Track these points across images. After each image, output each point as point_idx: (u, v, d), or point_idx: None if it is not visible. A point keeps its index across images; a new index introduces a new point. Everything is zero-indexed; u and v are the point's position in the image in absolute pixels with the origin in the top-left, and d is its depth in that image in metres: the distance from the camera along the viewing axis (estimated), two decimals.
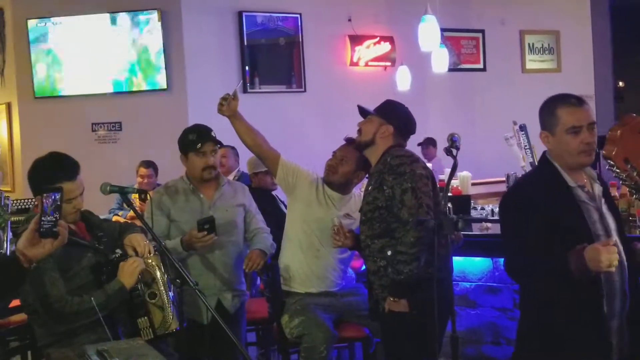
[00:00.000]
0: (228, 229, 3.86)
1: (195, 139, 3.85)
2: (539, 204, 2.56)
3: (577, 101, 2.65)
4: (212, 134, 3.87)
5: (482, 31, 9.33)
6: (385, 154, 3.42)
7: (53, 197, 2.04)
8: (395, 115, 3.52)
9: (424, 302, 3.23)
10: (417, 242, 3.19)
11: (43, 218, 2.02)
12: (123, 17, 7.37)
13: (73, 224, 3.03)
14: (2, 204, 2.87)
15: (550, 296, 2.59)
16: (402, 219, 3.24)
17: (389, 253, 3.29)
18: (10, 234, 3.23)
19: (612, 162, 2.59)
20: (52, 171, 2.94)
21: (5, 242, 2.89)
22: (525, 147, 5.17)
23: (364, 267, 3.93)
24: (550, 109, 2.68)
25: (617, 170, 2.60)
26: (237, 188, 4.04)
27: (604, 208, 2.69)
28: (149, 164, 6.56)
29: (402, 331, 3.32)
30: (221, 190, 3.92)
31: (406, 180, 3.25)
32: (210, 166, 3.82)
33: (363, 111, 3.61)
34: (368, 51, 8.50)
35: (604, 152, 2.65)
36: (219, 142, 3.87)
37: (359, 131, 3.57)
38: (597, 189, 2.71)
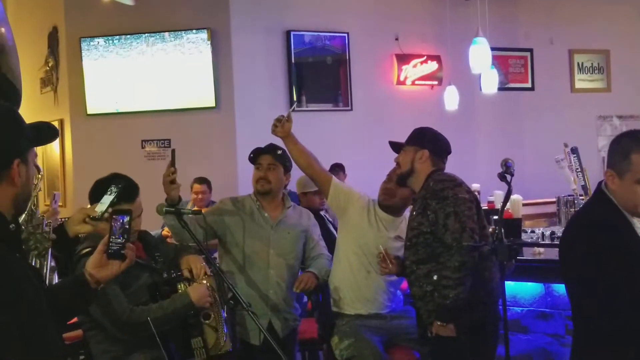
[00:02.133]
0: (285, 251, 3.88)
1: (254, 153, 3.90)
2: (610, 246, 2.35)
3: None
4: (278, 151, 3.89)
5: (531, 50, 9.24)
6: (428, 179, 3.43)
7: (122, 220, 2.07)
8: (426, 139, 3.55)
9: (472, 326, 3.23)
10: (461, 266, 3.19)
11: (111, 240, 2.05)
12: (174, 36, 7.49)
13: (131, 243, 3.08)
14: (43, 230, 2.75)
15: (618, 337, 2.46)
16: (446, 243, 3.23)
17: (435, 278, 3.28)
18: (53, 261, 3.09)
19: None
20: None
21: (45, 271, 2.74)
22: (577, 170, 5.12)
23: None
24: (624, 151, 2.44)
25: None
26: (302, 213, 4.06)
27: None
28: (203, 180, 6.59)
29: (451, 356, 3.30)
30: (285, 213, 3.95)
31: (449, 204, 3.26)
32: (262, 178, 3.84)
33: (396, 146, 3.63)
34: (415, 70, 8.49)
35: None
36: (279, 158, 3.88)
37: (398, 165, 3.59)
38: None
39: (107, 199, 2.41)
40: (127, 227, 2.07)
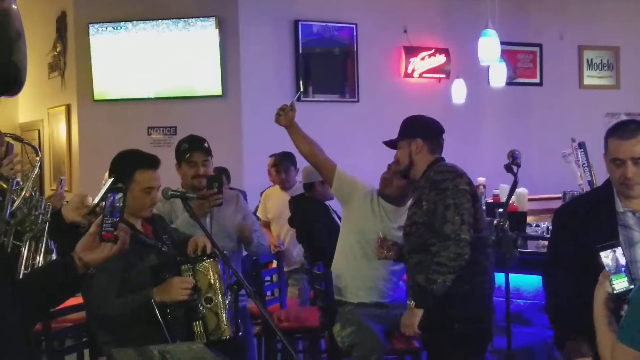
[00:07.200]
0: (220, 238, 3.81)
1: (187, 148, 3.87)
2: (574, 225, 2.74)
3: (627, 133, 2.69)
4: (205, 144, 3.87)
5: (540, 45, 9.21)
6: (428, 168, 3.41)
7: (113, 198, 1.91)
8: (415, 127, 3.54)
9: (468, 318, 3.23)
10: (457, 258, 3.16)
11: (105, 220, 1.89)
12: (181, 23, 7.48)
13: (141, 222, 3.20)
14: (43, 209, 2.43)
15: None
16: (444, 234, 3.21)
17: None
18: (53, 246, 2.96)
19: None
20: (137, 157, 3.15)
21: (39, 254, 2.46)
22: (584, 165, 5.10)
23: None
24: (607, 135, 2.81)
25: None
26: (231, 197, 4.02)
27: None
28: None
29: (443, 347, 3.31)
30: None
31: (449, 196, 3.24)
32: (201, 175, 3.83)
33: (390, 144, 3.62)
34: (422, 63, 8.47)
35: None
36: (210, 153, 3.88)
37: (397, 161, 3.58)
38: None
39: (101, 192, 2.37)
40: (119, 204, 1.89)
